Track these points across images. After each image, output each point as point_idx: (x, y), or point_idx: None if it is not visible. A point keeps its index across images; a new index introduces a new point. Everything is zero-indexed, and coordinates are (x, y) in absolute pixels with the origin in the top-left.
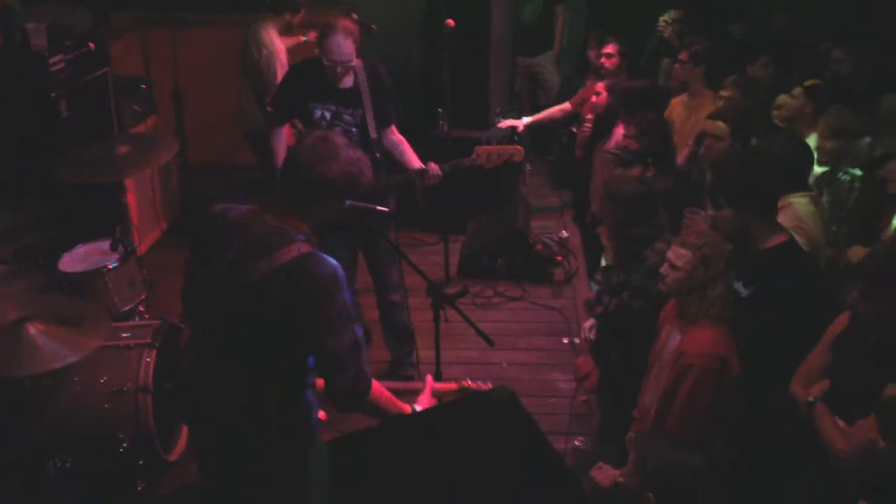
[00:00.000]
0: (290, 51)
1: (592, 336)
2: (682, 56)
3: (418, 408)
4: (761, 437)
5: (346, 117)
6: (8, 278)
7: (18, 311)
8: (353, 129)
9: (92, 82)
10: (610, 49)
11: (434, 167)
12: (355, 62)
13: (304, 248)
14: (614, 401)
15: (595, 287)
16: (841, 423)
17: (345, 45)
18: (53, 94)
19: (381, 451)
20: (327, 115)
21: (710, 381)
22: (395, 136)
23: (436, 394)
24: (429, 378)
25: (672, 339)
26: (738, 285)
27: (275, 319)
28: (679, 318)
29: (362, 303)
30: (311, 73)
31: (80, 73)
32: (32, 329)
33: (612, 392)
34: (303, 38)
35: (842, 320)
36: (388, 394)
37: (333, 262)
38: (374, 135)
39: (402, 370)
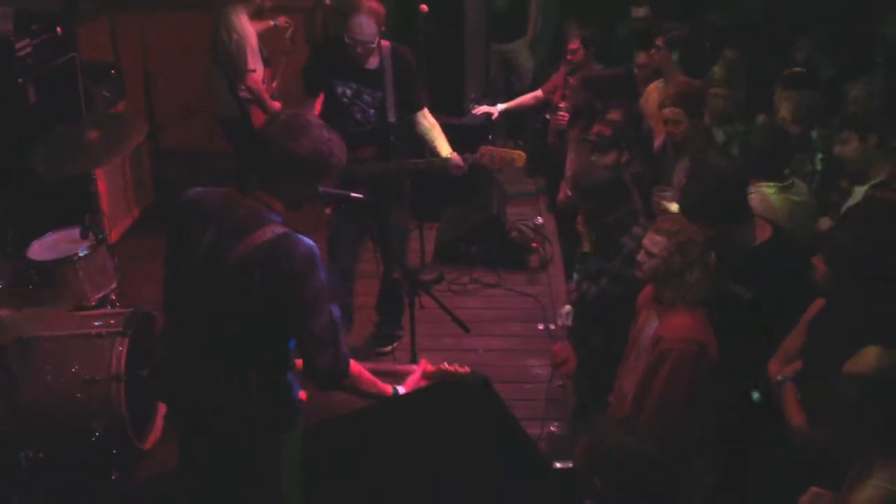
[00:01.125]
0: (261, 35)
1: (569, 322)
2: (658, 42)
3: (401, 390)
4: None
5: (366, 97)
6: None
7: None
8: (371, 111)
9: (60, 67)
10: (574, 45)
11: (457, 157)
12: (384, 44)
13: (278, 229)
14: (592, 386)
15: (576, 277)
16: None
17: (367, 26)
18: (21, 80)
19: (353, 439)
20: (348, 92)
21: (689, 365)
22: (427, 121)
23: (424, 376)
24: (423, 361)
25: (650, 324)
26: (739, 288)
27: (254, 303)
28: (656, 304)
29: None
30: (337, 50)
31: (48, 59)
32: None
33: (590, 377)
34: (272, 23)
35: (819, 303)
36: (367, 374)
37: (309, 241)
38: (392, 118)
39: (390, 331)
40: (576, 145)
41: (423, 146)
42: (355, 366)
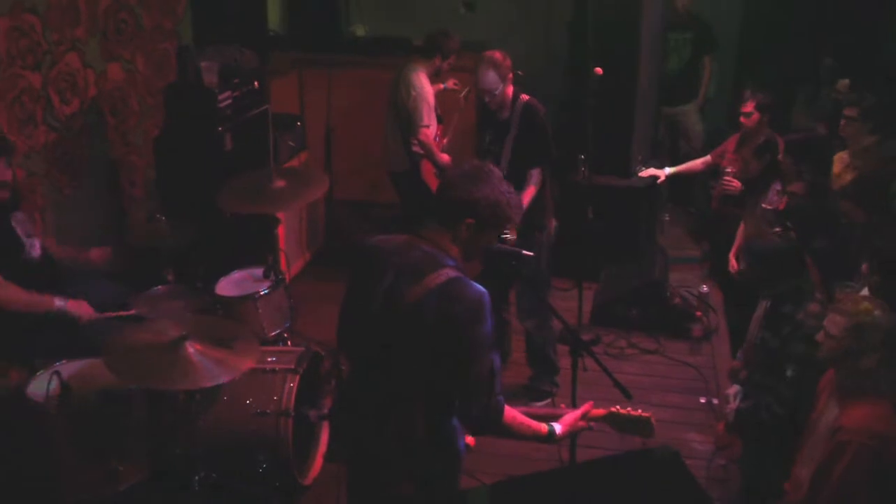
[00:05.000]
0: (436, 95)
1: (736, 405)
2: (851, 112)
3: (558, 427)
4: None
5: (495, 146)
6: (170, 299)
7: (180, 329)
8: (501, 159)
9: (254, 118)
10: (748, 108)
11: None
12: (522, 98)
13: (452, 272)
14: (760, 470)
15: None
16: None
17: (486, 75)
18: (220, 128)
19: (540, 498)
20: (487, 139)
21: (869, 460)
22: (527, 181)
23: (584, 417)
24: (590, 404)
25: (829, 410)
26: None
27: (425, 345)
28: (837, 390)
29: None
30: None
31: (245, 110)
32: (191, 348)
33: (760, 462)
34: (442, 86)
35: None
36: (521, 418)
37: (481, 288)
38: (503, 166)
39: (540, 386)
40: (749, 210)
41: None
42: (509, 411)
